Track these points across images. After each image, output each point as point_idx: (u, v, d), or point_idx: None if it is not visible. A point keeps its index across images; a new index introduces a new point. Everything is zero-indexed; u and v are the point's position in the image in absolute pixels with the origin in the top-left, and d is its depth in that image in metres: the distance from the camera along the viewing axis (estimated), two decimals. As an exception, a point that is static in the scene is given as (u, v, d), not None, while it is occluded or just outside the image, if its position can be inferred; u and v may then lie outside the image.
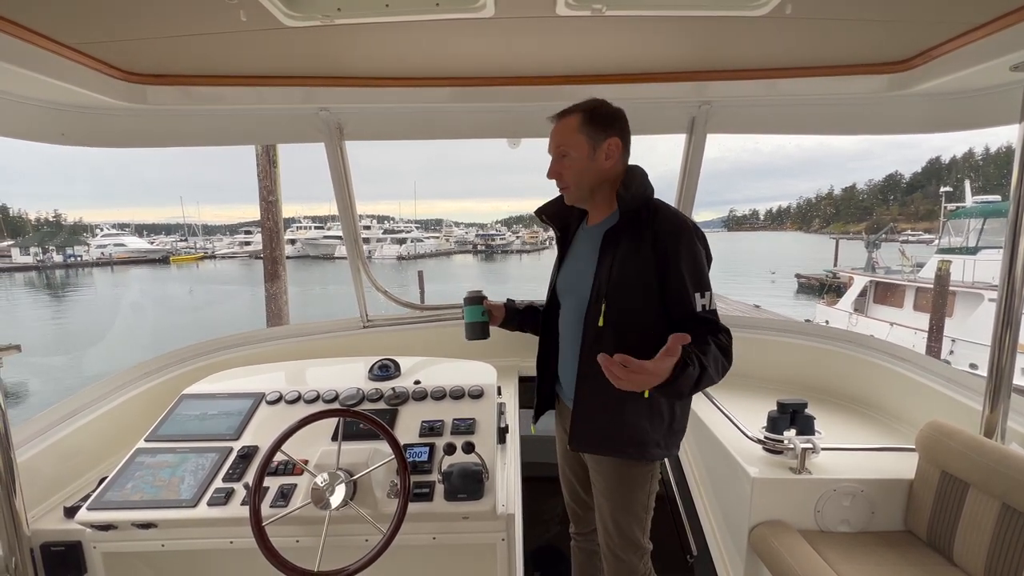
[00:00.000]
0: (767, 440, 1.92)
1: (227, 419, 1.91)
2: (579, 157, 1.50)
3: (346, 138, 2.39)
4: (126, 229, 75.42)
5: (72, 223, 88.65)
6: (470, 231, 72.92)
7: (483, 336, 1.86)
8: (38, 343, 17.44)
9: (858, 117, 2.23)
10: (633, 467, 1.57)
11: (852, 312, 15.68)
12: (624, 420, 1.52)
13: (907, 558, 1.67)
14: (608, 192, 1.56)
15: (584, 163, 1.51)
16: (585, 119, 1.49)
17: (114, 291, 35.12)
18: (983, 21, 1.56)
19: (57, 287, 36.32)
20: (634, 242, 1.46)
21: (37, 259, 46.10)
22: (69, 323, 22.99)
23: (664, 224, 1.45)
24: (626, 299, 1.46)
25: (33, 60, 1.54)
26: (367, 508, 1.54)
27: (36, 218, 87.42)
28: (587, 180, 1.53)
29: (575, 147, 1.50)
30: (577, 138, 1.50)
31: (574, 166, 1.52)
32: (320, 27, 1.56)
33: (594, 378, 1.48)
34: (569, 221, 1.72)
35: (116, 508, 1.58)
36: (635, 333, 1.47)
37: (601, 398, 1.51)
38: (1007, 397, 1.70)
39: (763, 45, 1.82)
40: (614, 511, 1.61)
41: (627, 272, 1.46)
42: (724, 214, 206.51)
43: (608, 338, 1.48)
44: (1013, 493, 1.48)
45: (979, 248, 13.82)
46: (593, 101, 1.53)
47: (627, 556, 1.62)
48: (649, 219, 1.47)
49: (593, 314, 1.50)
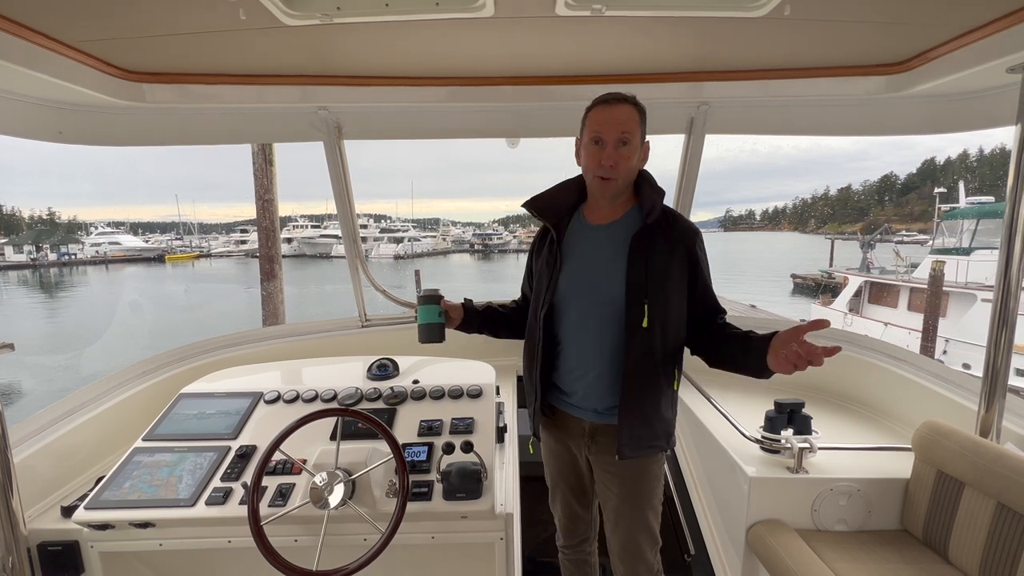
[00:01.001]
0: (764, 440, 1.93)
1: (225, 418, 1.91)
2: (634, 150, 1.45)
3: (344, 137, 2.39)
4: (121, 227, 74.95)
5: (67, 221, 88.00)
6: (467, 230, 72.84)
7: (438, 339, 1.68)
8: (32, 343, 17.32)
9: (856, 118, 2.24)
10: (653, 461, 1.60)
11: (847, 312, 15.76)
12: (660, 416, 1.54)
13: (903, 556, 1.68)
14: (627, 192, 1.56)
15: (634, 156, 1.47)
16: (641, 114, 1.46)
17: (109, 289, 34.93)
18: (980, 23, 1.57)
19: (51, 286, 36.07)
20: (667, 244, 1.48)
21: (31, 257, 45.81)
22: (63, 322, 22.85)
23: (686, 227, 1.51)
24: (667, 300, 1.48)
25: (31, 58, 1.53)
26: (365, 507, 1.54)
27: (30, 216, 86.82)
28: (629, 176, 1.49)
29: (635, 138, 1.44)
30: (638, 130, 1.44)
31: (631, 157, 1.45)
32: (319, 26, 1.56)
33: (638, 383, 1.50)
34: (561, 216, 1.63)
35: (114, 507, 1.58)
36: (673, 333, 1.51)
37: (648, 400, 1.51)
38: (1002, 397, 1.71)
39: (761, 46, 1.83)
40: (635, 509, 1.61)
41: (667, 273, 1.47)
42: (721, 215, 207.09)
43: (653, 339, 1.47)
44: (1008, 492, 1.49)
45: (972, 249, 13.93)
46: (629, 95, 1.47)
47: (646, 555, 1.64)
48: (669, 223, 1.50)
49: (635, 316, 1.45)
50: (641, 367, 1.47)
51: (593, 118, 1.46)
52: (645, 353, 1.47)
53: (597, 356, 1.54)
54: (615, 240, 1.51)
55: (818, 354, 1.19)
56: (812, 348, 1.21)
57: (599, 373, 1.54)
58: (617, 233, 1.52)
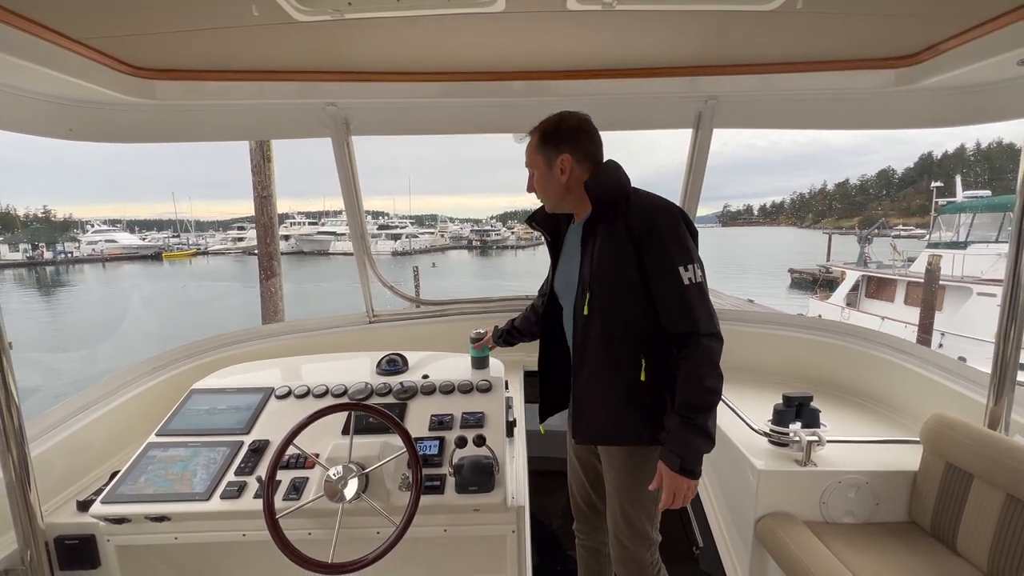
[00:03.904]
0: (773, 433, 1.95)
1: (237, 413, 1.91)
2: (540, 175, 1.61)
3: (353, 133, 2.39)
4: (117, 225, 74.56)
5: (62, 219, 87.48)
6: (465, 227, 72.64)
7: (484, 367, 2.15)
8: (28, 344, 17.23)
9: (865, 112, 2.24)
10: (644, 456, 1.59)
11: (844, 306, 15.79)
12: (625, 408, 1.54)
13: (911, 548, 1.70)
14: (580, 194, 1.59)
15: (545, 179, 1.60)
16: (540, 139, 1.59)
17: (107, 288, 34.79)
18: (990, 16, 1.57)
19: (47, 284, 35.89)
20: (609, 229, 1.50)
21: (27, 255, 45.60)
22: (59, 322, 22.75)
23: (637, 207, 1.49)
24: (608, 286, 1.50)
25: (41, 55, 1.53)
26: (379, 501, 1.55)
27: (25, 214, 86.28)
28: (552, 193, 1.62)
29: (536, 166, 1.61)
30: (535, 158, 1.60)
31: (540, 182, 1.62)
32: (329, 21, 1.56)
33: (588, 368, 1.55)
34: (559, 224, 1.76)
35: (130, 501, 1.59)
36: (620, 321, 1.50)
37: (596, 389, 1.56)
38: (1011, 390, 1.72)
39: (769, 41, 1.83)
40: (623, 502, 1.62)
41: (604, 259, 1.49)
42: (718, 210, 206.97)
43: (595, 327, 1.52)
44: (1018, 484, 1.50)
45: (969, 242, 13.97)
46: (547, 121, 1.59)
47: (635, 547, 1.64)
48: (624, 207, 1.51)
49: (579, 306, 1.56)
50: (586, 355, 1.54)
51: None
52: (588, 341, 1.53)
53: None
54: (578, 236, 1.61)
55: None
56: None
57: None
58: (581, 229, 1.61)
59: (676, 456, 1.41)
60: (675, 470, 1.41)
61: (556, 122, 1.58)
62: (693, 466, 1.41)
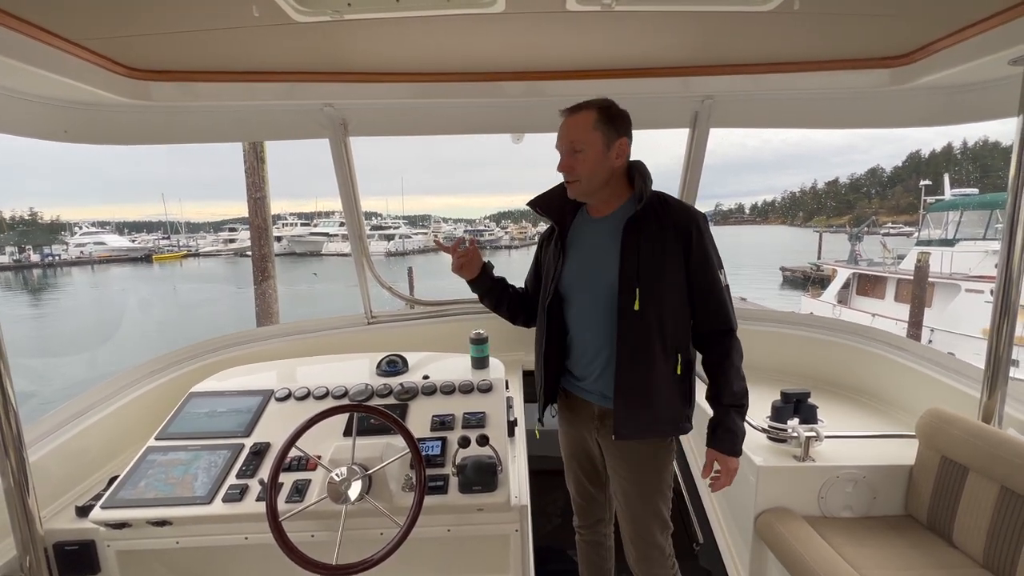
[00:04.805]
0: (771, 429, 1.97)
1: (237, 416, 1.90)
2: (594, 154, 1.52)
3: (351, 134, 2.38)
4: (106, 227, 73.69)
5: (49, 221, 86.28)
6: (458, 227, 72.60)
7: (484, 367, 2.15)
8: (21, 348, 16.99)
9: (860, 111, 2.27)
10: (660, 447, 1.62)
11: (836, 304, 15.93)
12: (663, 402, 1.56)
13: (908, 541, 1.73)
14: (615, 186, 1.60)
15: (598, 160, 1.53)
16: (601, 117, 1.51)
17: (96, 291, 34.38)
18: (983, 16, 1.60)
19: (35, 288, 35.41)
20: (659, 229, 1.52)
21: (13, 259, 44.99)
22: (48, 327, 22.46)
23: (680, 211, 1.55)
24: (658, 283, 1.51)
25: (36, 56, 1.51)
26: (383, 502, 1.55)
27: (11, 216, 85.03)
28: (599, 176, 1.56)
29: (590, 144, 1.52)
30: (592, 135, 1.51)
31: (588, 162, 1.53)
32: (328, 22, 1.55)
33: (634, 366, 1.54)
34: (564, 213, 1.71)
35: (130, 506, 1.58)
36: (669, 316, 1.53)
37: (644, 384, 1.55)
38: (1004, 384, 1.75)
39: (765, 41, 1.85)
40: (643, 494, 1.64)
41: (657, 257, 1.51)
42: (711, 208, 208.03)
43: (646, 323, 1.51)
44: (1012, 477, 1.53)
45: (957, 240, 14.15)
46: (606, 100, 1.54)
47: (656, 538, 1.67)
48: (663, 208, 1.54)
49: (626, 301, 1.51)
50: (636, 350, 1.53)
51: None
52: (638, 336, 1.52)
53: (601, 342, 1.61)
54: (612, 230, 1.57)
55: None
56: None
57: (605, 359, 1.61)
58: (613, 224, 1.58)
59: (731, 442, 1.55)
60: (734, 454, 1.56)
61: (613, 103, 1.54)
62: (741, 447, 1.58)
